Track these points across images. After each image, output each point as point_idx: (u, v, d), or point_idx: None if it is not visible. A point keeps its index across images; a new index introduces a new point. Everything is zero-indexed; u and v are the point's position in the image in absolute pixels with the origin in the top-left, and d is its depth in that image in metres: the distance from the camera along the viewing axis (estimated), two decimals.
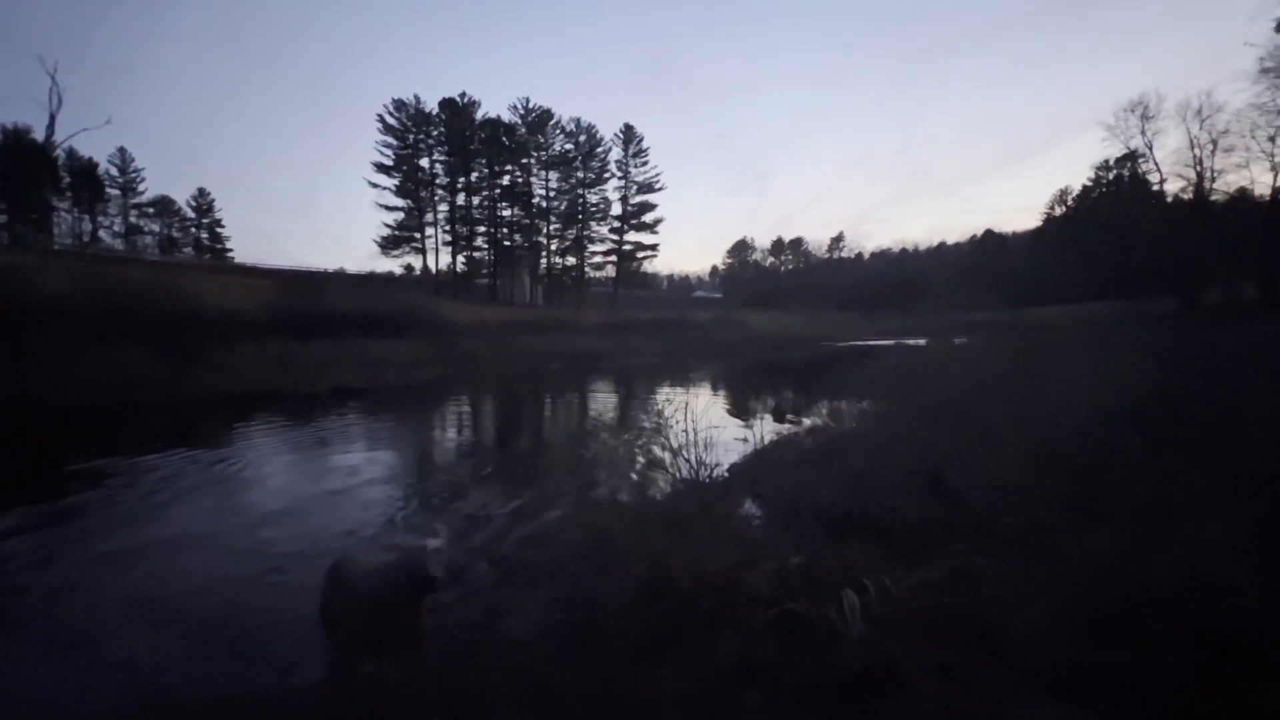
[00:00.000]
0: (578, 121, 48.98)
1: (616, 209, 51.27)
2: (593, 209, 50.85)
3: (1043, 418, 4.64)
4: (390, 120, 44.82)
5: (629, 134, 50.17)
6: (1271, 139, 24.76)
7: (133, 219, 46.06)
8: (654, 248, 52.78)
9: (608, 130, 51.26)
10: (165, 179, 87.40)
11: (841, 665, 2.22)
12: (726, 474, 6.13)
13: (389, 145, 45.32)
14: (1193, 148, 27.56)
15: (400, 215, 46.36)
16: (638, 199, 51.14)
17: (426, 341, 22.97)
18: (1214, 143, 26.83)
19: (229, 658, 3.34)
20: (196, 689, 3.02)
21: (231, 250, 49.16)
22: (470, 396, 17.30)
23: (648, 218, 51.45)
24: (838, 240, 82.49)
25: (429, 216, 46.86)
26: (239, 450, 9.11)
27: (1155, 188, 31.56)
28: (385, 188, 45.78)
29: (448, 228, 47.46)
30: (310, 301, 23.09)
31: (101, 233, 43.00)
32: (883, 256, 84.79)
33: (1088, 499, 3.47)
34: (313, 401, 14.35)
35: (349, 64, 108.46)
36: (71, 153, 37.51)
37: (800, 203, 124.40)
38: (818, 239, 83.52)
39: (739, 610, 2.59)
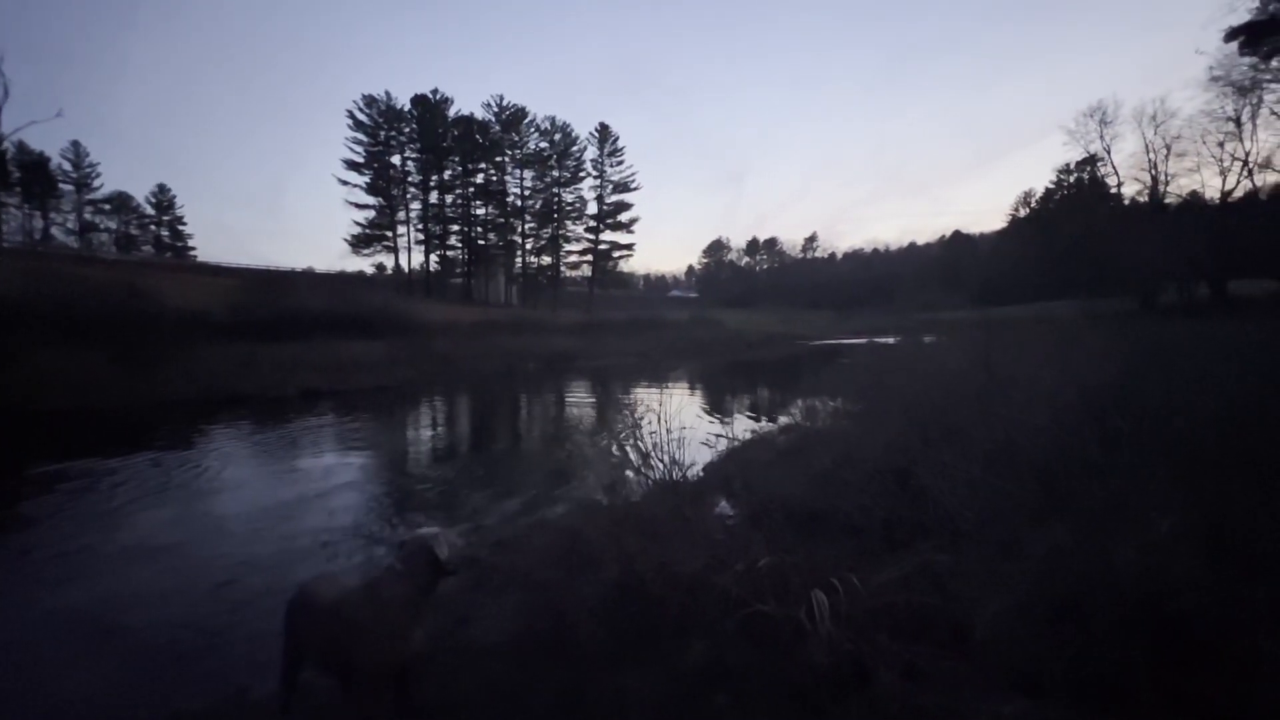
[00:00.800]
0: (553, 120, 48.77)
1: (592, 208, 51.23)
2: (568, 208, 50.67)
3: (1006, 416, 4.75)
4: (361, 116, 43.99)
5: (604, 133, 50.10)
6: (1221, 144, 25.89)
7: (88, 216, 44.34)
8: (630, 247, 52.89)
9: (583, 129, 51.22)
10: (123, 175, 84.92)
11: (810, 665, 2.23)
12: (700, 473, 6.15)
13: (359, 142, 44.50)
14: (1148, 152, 28.71)
15: (371, 213, 45.58)
16: (613, 198, 51.15)
17: (399, 342, 22.56)
18: (1168, 148, 27.98)
19: (161, 678, 3.23)
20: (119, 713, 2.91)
21: (194, 249, 47.81)
22: (443, 398, 17.04)
23: (623, 217, 51.50)
24: (811, 240, 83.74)
25: (401, 215, 46.17)
26: (200, 456, 8.82)
27: (1113, 190, 32.77)
28: (356, 185, 44.96)
29: (420, 226, 46.83)
30: (277, 301, 22.50)
31: (54, 230, 41.30)
32: (855, 257, 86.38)
33: (1048, 495, 3.56)
34: (281, 404, 13.98)
35: (318, 58, 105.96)
36: (21, 146, 35.98)
37: (775, 203, 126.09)
38: (792, 239, 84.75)
39: (708, 612, 2.58)
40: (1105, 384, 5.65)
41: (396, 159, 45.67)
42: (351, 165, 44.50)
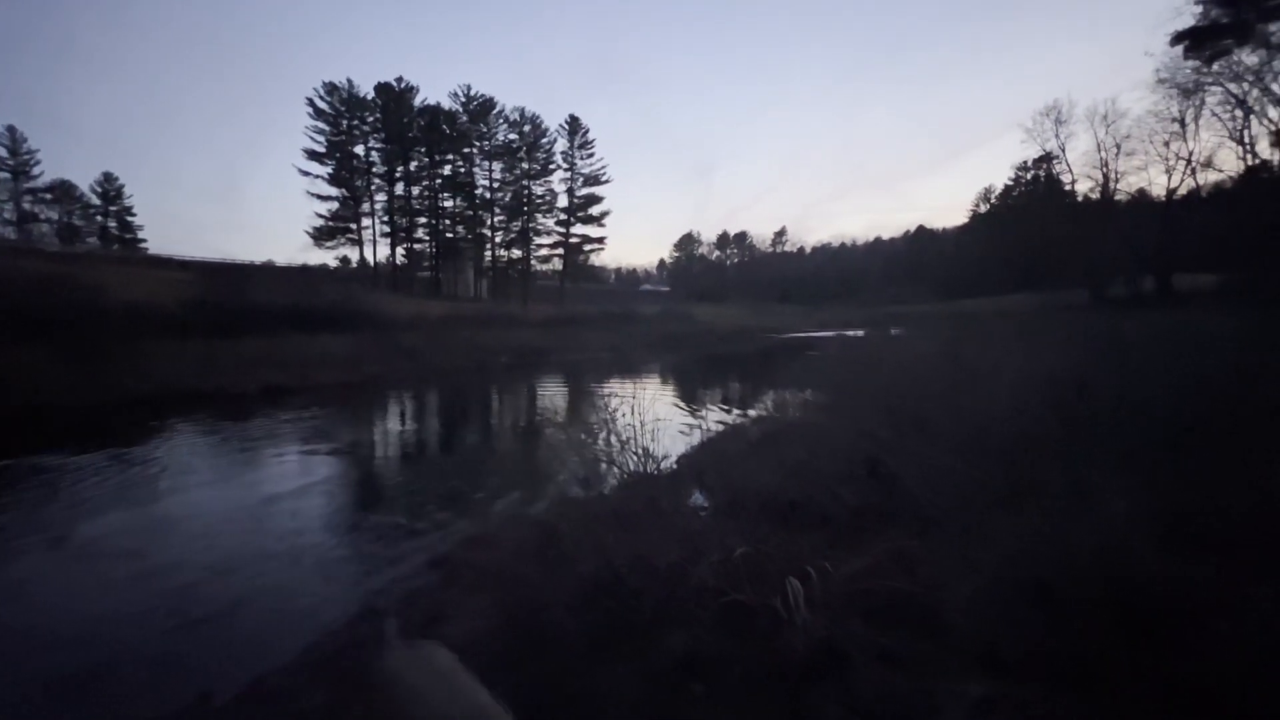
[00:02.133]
0: (522, 111, 48.01)
1: (562, 201, 50.68)
2: (538, 201, 50.04)
3: (969, 405, 4.89)
4: (321, 104, 42.52)
5: (574, 125, 49.61)
6: (1166, 144, 27.04)
7: (26, 205, 41.87)
8: (601, 241, 52.54)
9: (553, 121, 50.62)
10: (65, 162, 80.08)
11: (786, 653, 2.26)
12: (675, 465, 6.17)
13: (321, 131, 43.00)
14: (1099, 151, 29.79)
15: (334, 205, 44.15)
16: (584, 191, 50.72)
17: (365, 337, 22.01)
18: (1118, 146, 29.08)
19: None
20: None
21: (145, 241, 45.59)
22: (411, 393, 16.71)
23: (594, 210, 51.11)
24: (781, 235, 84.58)
25: (365, 206, 44.85)
26: (148, 456, 8.44)
27: (1068, 187, 33.91)
28: (317, 176, 43.45)
29: (386, 218, 45.59)
30: (236, 295, 21.65)
31: None
32: (824, 251, 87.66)
33: (1012, 481, 3.67)
34: (241, 402, 13.49)
35: (276, 42, 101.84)
36: None
37: (745, 197, 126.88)
38: (762, 233, 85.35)
39: (685, 603, 2.59)
40: (1063, 373, 5.87)
41: (360, 149, 44.33)
42: (313, 155, 43.03)
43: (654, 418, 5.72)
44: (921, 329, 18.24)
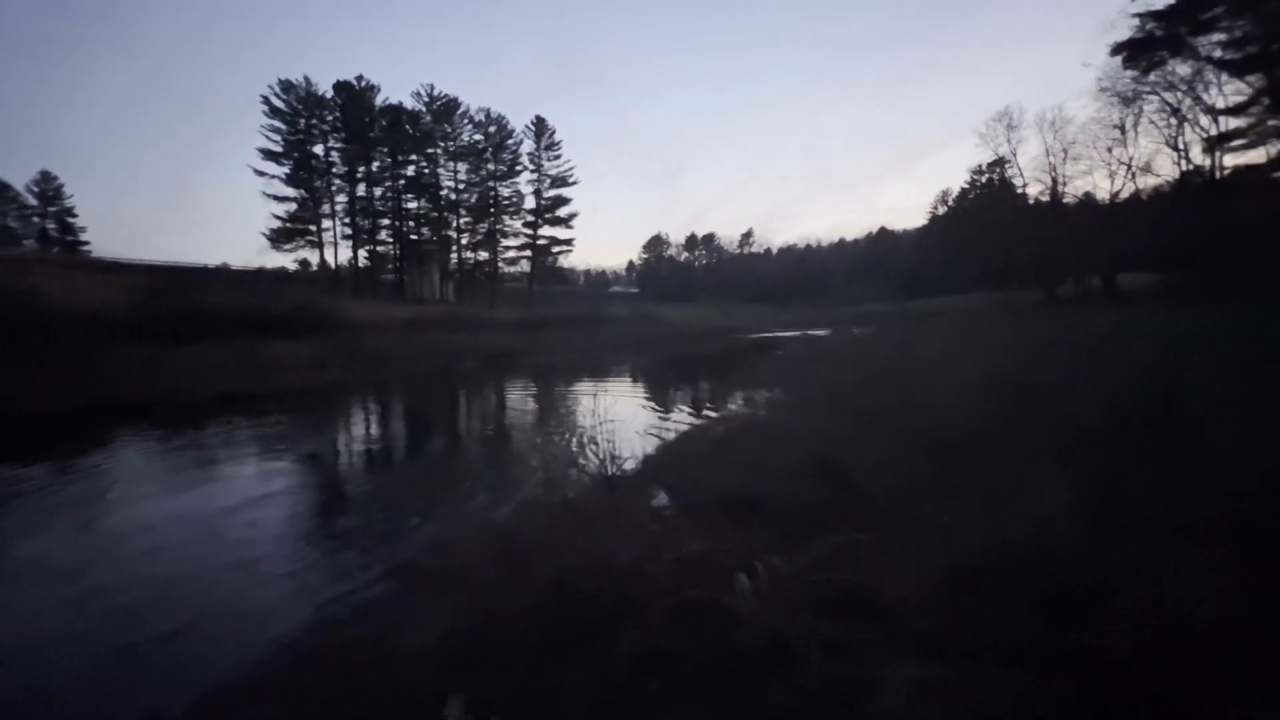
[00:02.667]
0: (487, 112, 47.54)
1: (530, 203, 50.35)
2: (505, 202, 49.58)
3: (922, 401, 5.08)
4: (278, 103, 41.28)
5: (541, 126, 49.36)
6: (1109, 149, 28.40)
7: None
8: (569, 242, 52.36)
9: (519, 122, 50.24)
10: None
11: (736, 646, 2.32)
12: (640, 466, 6.23)
13: (277, 130, 41.73)
14: (1048, 155, 31.07)
15: (293, 206, 42.88)
16: (551, 193, 50.49)
17: (325, 342, 21.44)
18: (1065, 151, 30.38)
19: None
20: None
21: (88, 243, 43.56)
22: (374, 399, 16.36)
23: (562, 212, 50.94)
24: (748, 236, 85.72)
25: (326, 208, 43.70)
26: (94, 468, 8.08)
27: (1020, 191, 35.24)
28: (274, 176, 42.13)
29: (347, 220, 44.49)
30: (187, 300, 20.88)
31: None
32: (790, 252, 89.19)
33: (956, 472, 3.84)
34: (193, 410, 12.99)
35: (229, 38, 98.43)
36: None
37: (713, 198, 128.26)
38: (729, 235, 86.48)
39: (640, 602, 2.63)
40: (1010, 370, 6.15)
41: (319, 149, 43.15)
42: (269, 155, 41.68)
43: (621, 419, 5.76)
44: (882, 328, 18.78)
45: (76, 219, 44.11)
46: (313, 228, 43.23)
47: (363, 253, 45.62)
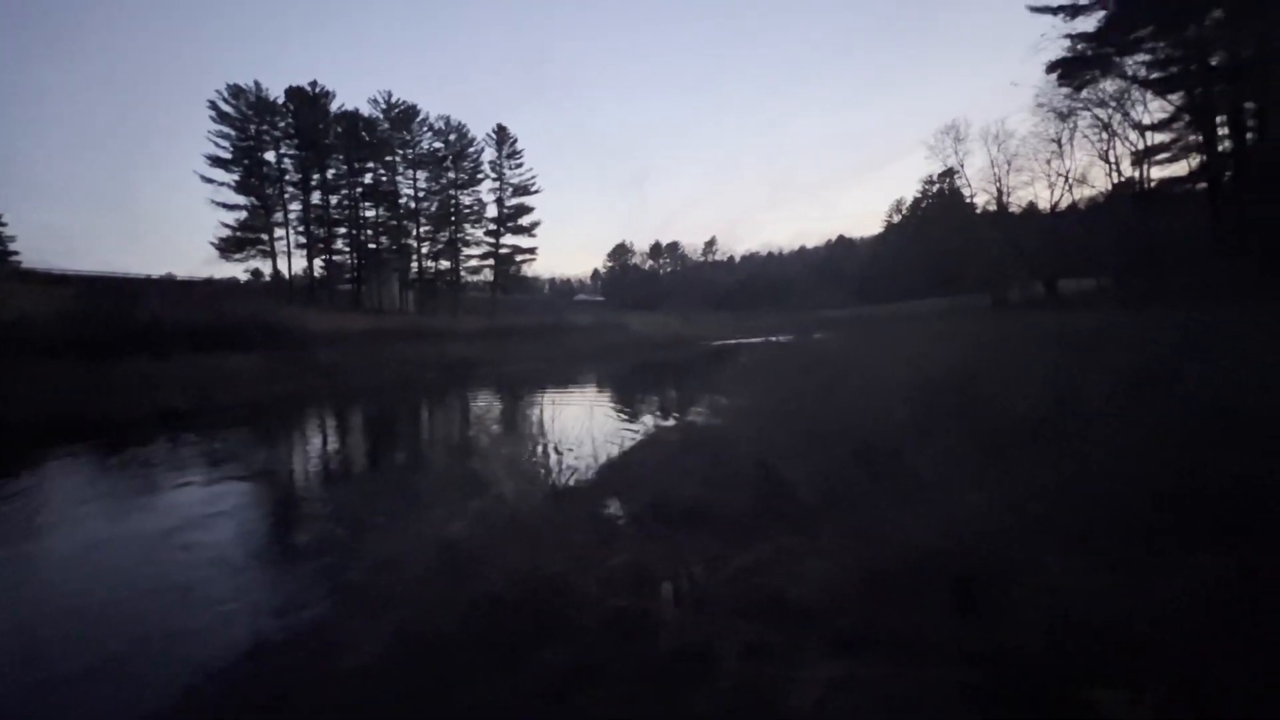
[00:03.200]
0: (447, 120, 46.95)
1: (492, 211, 49.86)
2: (466, 211, 49.01)
3: (860, 403, 5.26)
4: (226, 108, 39.87)
5: (502, 134, 49.05)
6: (1048, 161, 29.97)
7: None
8: (533, 251, 52.04)
9: (480, 130, 49.82)
10: None
11: (662, 653, 2.37)
12: (593, 476, 6.25)
13: (226, 136, 40.24)
14: (993, 167, 32.58)
15: (243, 214, 41.33)
16: (514, 201, 50.13)
17: (277, 354, 20.73)
18: (1008, 163, 31.93)
19: None
20: None
21: (17, 254, 41.03)
22: (330, 413, 15.92)
23: (525, 220, 50.60)
24: (711, 244, 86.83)
25: (278, 216, 42.30)
26: (18, 490, 7.63)
27: (968, 200, 36.77)
28: (223, 184, 40.55)
29: (301, 229, 43.21)
30: (127, 312, 19.89)
31: None
32: (752, 260, 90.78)
33: (889, 478, 3.99)
34: (132, 427, 12.39)
35: (173, 42, 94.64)
36: None
37: (677, 207, 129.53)
38: (693, 243, 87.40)
39: (572, 613, 2.66)
40: (947, 372, 6.42)
41: (271, 155, 41.83)
42: (217, 161, 40.11)
43: (581, 430, 5.78)
44: (838, 332, 19.29)
45: (5, 227, 41.56)
46: (264, 236, 41.82)
47: (318, 262, 44.38)
